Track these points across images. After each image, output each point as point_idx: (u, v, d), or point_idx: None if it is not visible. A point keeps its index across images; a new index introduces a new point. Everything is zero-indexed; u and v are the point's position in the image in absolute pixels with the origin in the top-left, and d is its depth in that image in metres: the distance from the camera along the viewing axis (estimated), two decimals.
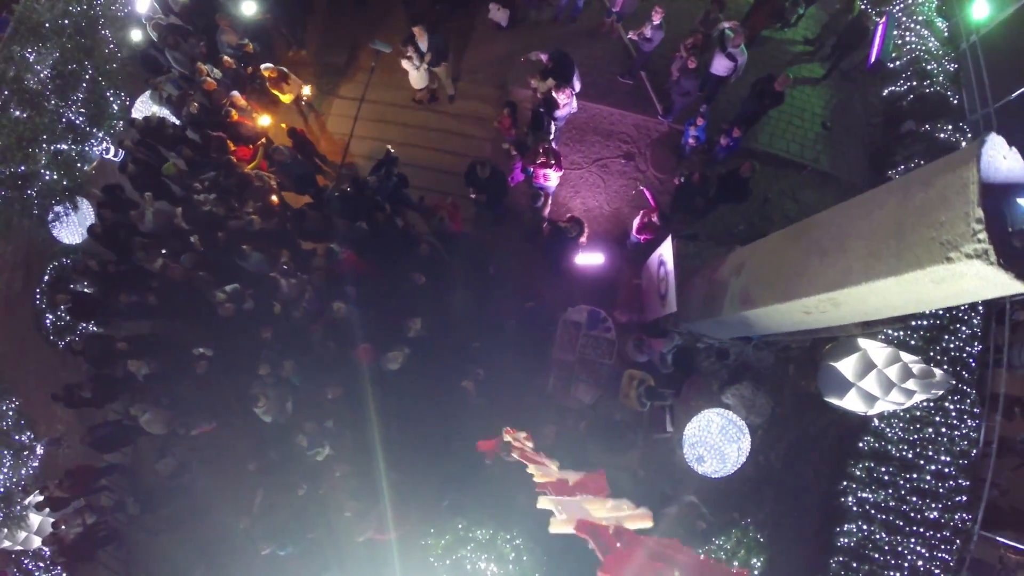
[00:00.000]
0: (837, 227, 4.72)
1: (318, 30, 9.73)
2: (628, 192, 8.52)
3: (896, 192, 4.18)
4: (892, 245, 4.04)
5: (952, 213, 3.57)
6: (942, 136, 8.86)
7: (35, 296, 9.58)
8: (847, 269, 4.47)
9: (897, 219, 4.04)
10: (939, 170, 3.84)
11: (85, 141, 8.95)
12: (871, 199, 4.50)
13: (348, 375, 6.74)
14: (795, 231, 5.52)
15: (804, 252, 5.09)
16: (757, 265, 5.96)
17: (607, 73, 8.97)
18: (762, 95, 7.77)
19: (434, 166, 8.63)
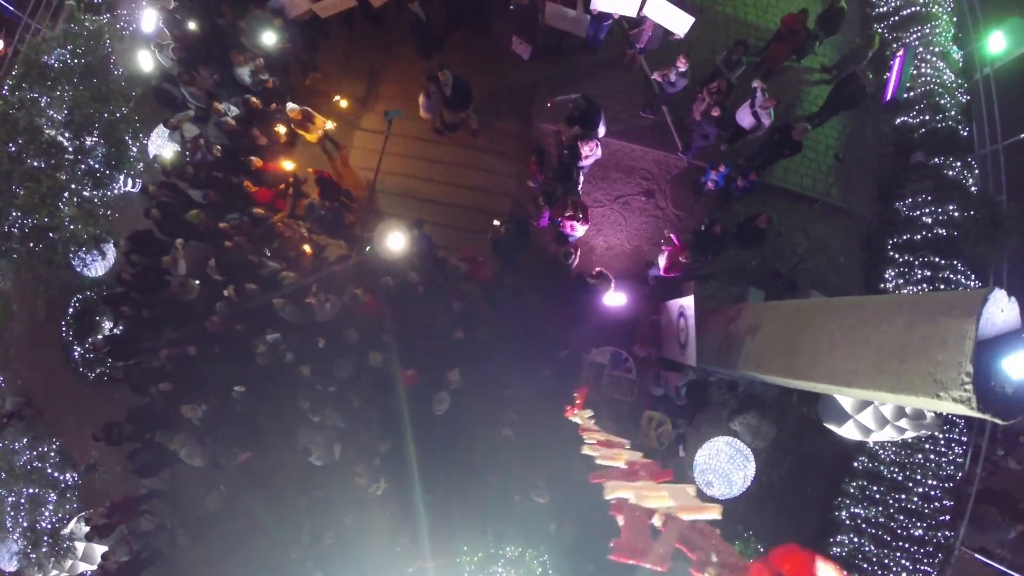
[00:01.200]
0: (849, 326, 5.52)
1: (334, 55, 9.93)
2: (648, 229, 9.20)
3: (905, 312, 4.97)
4: (894, 365, 4.87)
5: (948, 356, 4.39)
6: (950, 174, 9.56)
7: (61, 329, 10.11)
8: (853, 371, 5.32)
9: (902, 342, 4.85)
10: (945, 308, 4.61)
11: (106, 186, 9.24)
12: (882, 309, 5.29)
13: (391, 420, 7.60)
14: (810, 311, 6.30)
15: (816, 339, 5.91)
16: (771, 335, 6.77)
17: (629, 106, 9.43)
18: (781, 143, 8.35)
19: (458, 203, 9.17)
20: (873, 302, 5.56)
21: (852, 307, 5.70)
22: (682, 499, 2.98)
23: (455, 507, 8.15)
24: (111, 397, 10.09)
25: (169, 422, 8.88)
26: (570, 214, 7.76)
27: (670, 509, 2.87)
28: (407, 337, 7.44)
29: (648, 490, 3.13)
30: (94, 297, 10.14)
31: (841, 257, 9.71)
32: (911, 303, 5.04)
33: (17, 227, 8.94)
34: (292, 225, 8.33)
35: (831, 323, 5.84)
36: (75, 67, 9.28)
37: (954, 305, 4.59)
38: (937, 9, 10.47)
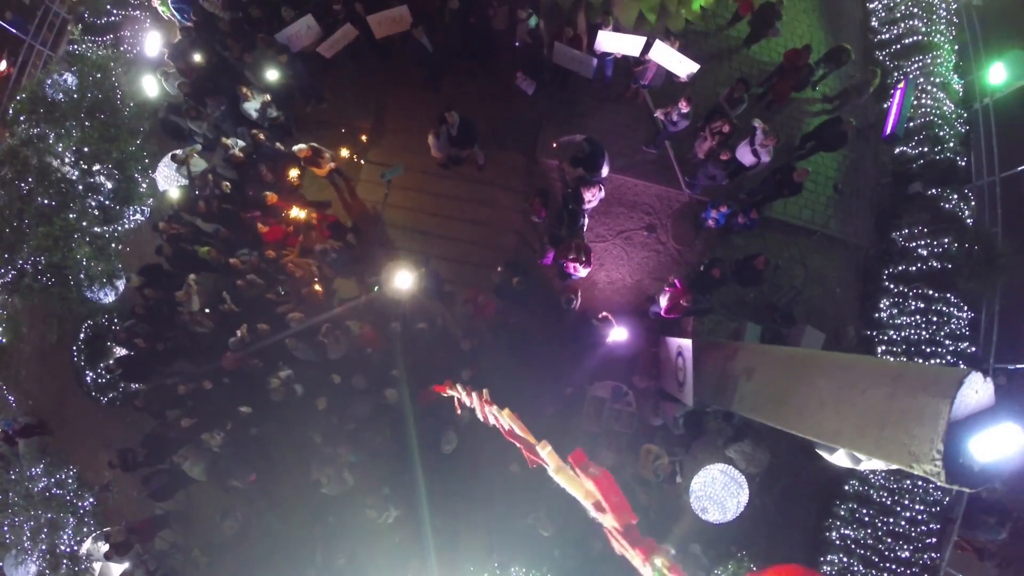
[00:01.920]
0: (837, 387, 6.04)
1: (341, 85, 10.26)
2: (649, 263, 9.66)
3: (888, 382, 5.47)
4: (875, 431, 5.41)
5: (922, 432, 4.92)
6: (947, 206, 10.00)
7: (72, 353, 10.58)
8: (838, 430, 5.87)
9: (884, 411, 5.37)
10: (924, 384, 5.11)
11: (116, 221, 9.61)
12: (869, 375, 5.78)
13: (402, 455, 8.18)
14: (802, 363, 6.81)
15: (806, 394, 6.43)
16: (765, 380, 7.30)
17: (632, 141, 9.82)
18: (781, 184, 8.78)
19: (464, 238, 9.60)
20: (861, 365, 6.05)
21: (842, 368, 6.20)
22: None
23: (462, 531, 8.79)
24: (124, 420, 10.61)
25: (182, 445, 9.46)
26: (574, 256, 8.21)
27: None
28: (416, 375, 7.95)
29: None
30: (105, 323, 10.58)
31: (837, 288, 10.20)
32: (895, 373, 5.55)
33: (30, 263, 9.35)
34: (303, 264, 8.76)
35: (821, 379, 6.36)
36: (82, 103, 9.59)
37: (933, 382, 5.10)
38: (939, 39, 10.81)
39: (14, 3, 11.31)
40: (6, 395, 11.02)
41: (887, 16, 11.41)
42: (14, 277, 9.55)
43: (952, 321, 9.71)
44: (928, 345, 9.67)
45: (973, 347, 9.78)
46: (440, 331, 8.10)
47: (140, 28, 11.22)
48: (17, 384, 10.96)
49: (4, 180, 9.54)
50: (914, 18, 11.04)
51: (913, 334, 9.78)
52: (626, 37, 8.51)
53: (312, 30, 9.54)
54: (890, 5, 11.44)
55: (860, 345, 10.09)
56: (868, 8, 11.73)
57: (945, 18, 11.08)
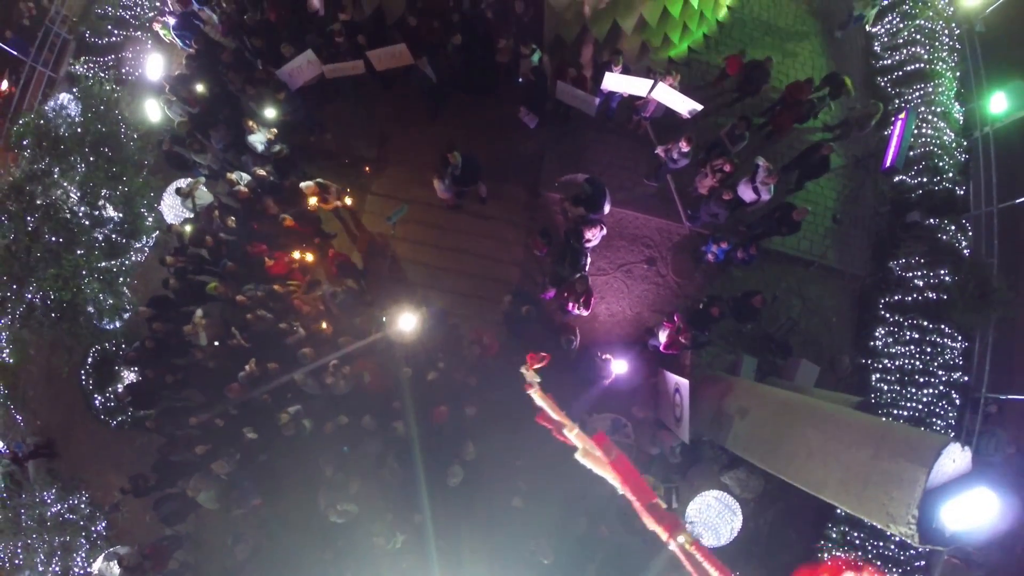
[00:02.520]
0: (825, 440, 6.53)
1: (343, 116, 10.58)
2: (649, 296, 10.08)
3: (873, 442, 5.96)
4: (857, 488, 5.91)
5: (900, 495, 5.41)
6: (944, 237, 10.41)
7: (80, 377, 11.01)
8: (823, 481, 6.37)
9: (867, 470, 5.86)
10: (905, 450, 5.60)
11: (123, 254, 9.96)
12: (856, 432, 6.27)
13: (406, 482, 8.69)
14: (795, 411, 7.29)
15: (796, 442, 6.93)
16: (758, 422, 7.79)
17: (634, 174, 10.19)
18: (780, 222, 9.17)
19: (468, 271, 10.00)
20: (849, 420, 6.54)
21: (831, 422, 6.69)
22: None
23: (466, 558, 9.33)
24: (133, 442, 11.12)
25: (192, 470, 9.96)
26: (574, 300, 8.65)
27: None
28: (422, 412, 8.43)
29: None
30: (112, 348, 11.02)
31: (833, 317, 10.64)
32: (880, 434, 6.03)
33: (39, 298, 9.73)
34: (310, 300, 9.17)
35: (811, 430, 6.85)
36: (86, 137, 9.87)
37: (914, 449, 5.59)
38: (941, 67, 11.12)
39: (15, 24, 11.55)
40: (14, 415, 11.48)
41: (889, 42, 11.70)
42: (24, 311, 9.94)
43: (946, 352, 10.17)
44: (921, 375, 10.15)
45: (965, 376, 10.26)
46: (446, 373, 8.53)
47: (142, 50, 11.47)
48: (25, 404, 11.33)
49: (10, 214, 9.89)
50: (916, 45, 11.34)
51: (907, 363, 10.25)
52: (632, 79, 8.82)
53: (313, 65, 9.80)
54: (892, 31, 11.72)
55: (855, 374, 10.56)
56: (870, 33, 11.99)
57: (948, 45, 11.38)
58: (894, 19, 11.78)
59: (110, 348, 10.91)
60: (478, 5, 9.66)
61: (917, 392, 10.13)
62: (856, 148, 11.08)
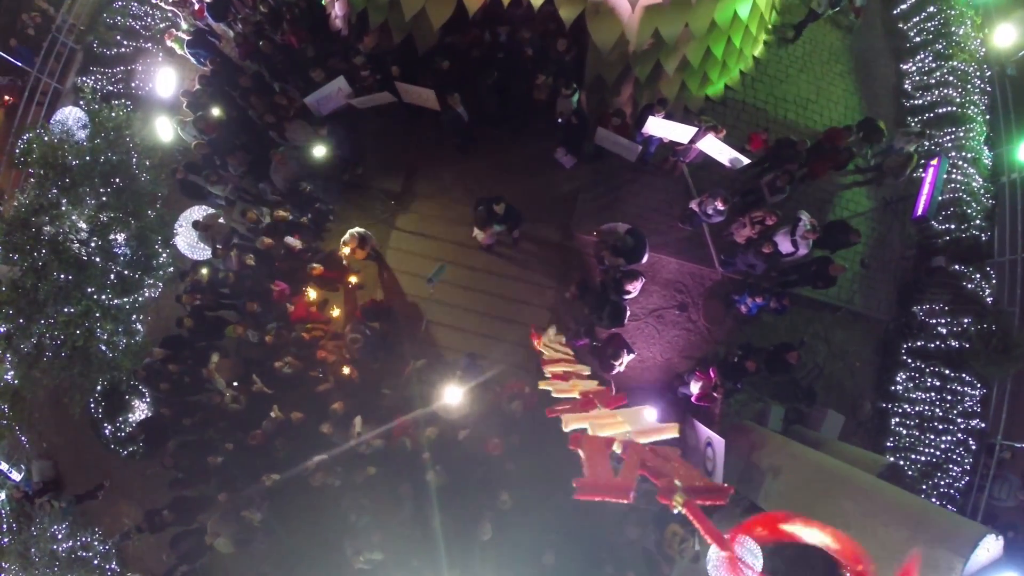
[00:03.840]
0: (862, 514, 7.24)
1: (370, 148, 10.84)
2: (679, 342, 10.70)
3: (912, 524, 6.67)
4: (892, 567, 6.57)
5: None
6: (969, 286, 11.18)
7: (89, 406, 11.27)
8: None
9: (902, 551, 6.58)
10: (943, 537, 6.32)
11: (136, 291, 10.09)
12: (894, 511, 6.97)
13: (433, 543, 9.27)
14: (830, 478, 7.99)
15: (832, 511, 7.62)
16: (791, 484, 8.50)
17: (667, 217, 10.70)
18: (816, 275, 9.79)
19: (499, 314, 10.45)
20: (886, 496, 7.24)
21: (866, 494, 7.39)
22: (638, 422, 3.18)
23: None
24: (144, 472, 11.47)
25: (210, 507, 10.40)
26: (612, 353, 9.23)
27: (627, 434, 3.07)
28: (459, 465, 8.99)
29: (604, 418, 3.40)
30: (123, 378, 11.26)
31: (857, 362, 11.40)
32: (917, 518, 6.74)
33: (48, 338, 9.88)
34: (335, 349, 9.56)
35: (847, 502, 7.56)
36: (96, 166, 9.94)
37: (952, 537, 6.31)
38: (972, 110, 11.78)
39: (20, 33, 11.47)
40: (19, 436, 11.70)
41: (921, 81, 12.32)
42: (32, 349, 10.09)
43: (966, 399, 11.02)
44: (941, 422, 11.02)
45: (983, 423, 11.14)
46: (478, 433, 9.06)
47: (152, 63, 11.50)
48: (31, 426, 11.56)
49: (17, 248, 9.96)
50: (948, 86, 11.98)
51: (927, 410, 11.10)
52: (676, 125, 9.23)
53: (343, 92, 10.03)
54: (924, 69, 12.32)
55: (874, 418, 11.38)
56: (902, 70, 12.59)
57: (979, 88, 12.02)
58: (926, 58, 12.37)
59: (119, 376, 11.15)
60: (516, 42, 9.92)
61: (936, 439, 11.00)
62: (885, 191, 11.73)
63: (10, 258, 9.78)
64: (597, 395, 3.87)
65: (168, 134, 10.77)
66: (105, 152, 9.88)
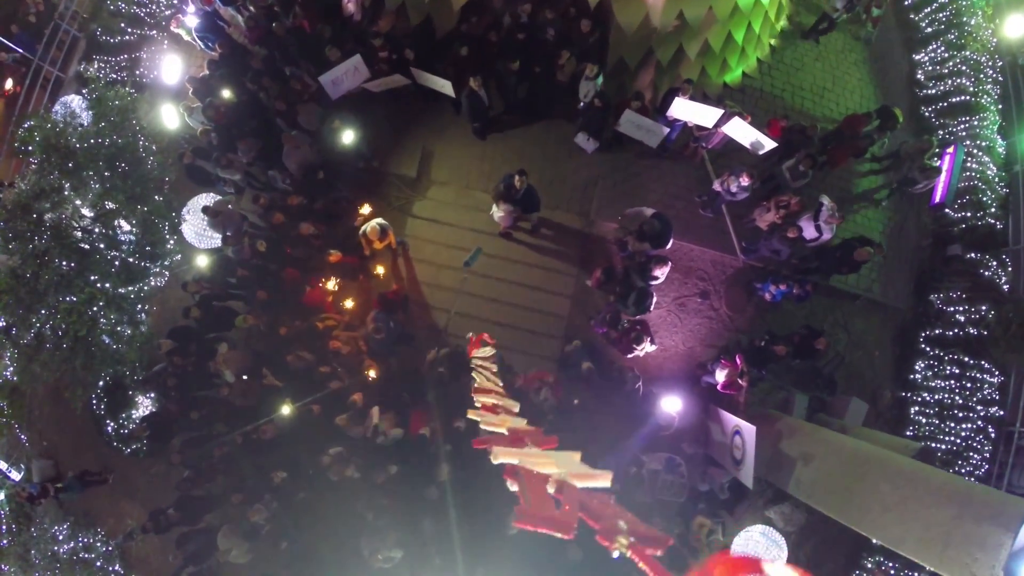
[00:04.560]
0: (902, 497, 7.30)
1: (385, 132, 10.79)
2: (701, 330, 10.75)
3: (955, 504, 6.73)
4: (938, 547, 6.69)
5: (985, 557, 6.21)
6: (986, 273, 11.37)
7: (91, 403, 11.03)
8: (901, 538, 7.15)
9: (948, 530, 6.65)
10: (990, 514, 6.38)
11: (141, 279, 9.90)
12: (935, 492, 7.03)
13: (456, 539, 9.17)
14: (865, 462, 8.04)
15: (869, 495, 7.69)
16: (825, 471, 8.55)
17: (688, 204, 10.77)
18: (841, 261, 9.89)
19: (518, 302, 10.44)
20: (926, 477, 7.31)
21: (906, 478, 7.45)
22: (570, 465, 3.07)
23: None
24: (148, 470, 11.24)
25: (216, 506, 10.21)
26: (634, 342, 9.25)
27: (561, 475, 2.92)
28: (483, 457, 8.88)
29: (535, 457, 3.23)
30: (126, 372, 11.03)
31: (876, 351, 11.53)
32: (963, 496, 6.81)
33: (49, 328, 9.64)
34: (350, 340, 9.44)
35: (885, 485, 7.61)
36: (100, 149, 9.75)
37: (999, 514, 6.38)
38: (986, 100, 12.01)
39: (21, 20, 11.26)
40: (18, 434, 11.40)
41: (934, 71, 12.56)
42: (32, 341, 9.85)
43: (984, 387, 11.18)
44: (960, 410, 11.16)
45: (1001, 411, 11.31)
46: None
47: (157, 51, 11.35)
48: (31, 424, 11.33)
49: (16, 233, 9.74)
50: (962, 76, 12.22)
51: (947, 398, 11.25)
52: (702, 107, 9.32)
53: (360, 72, 9.96)
54: (937, 59, 12.56)
55: (894, 407, 11.50)
56: (915, 60, 12.81)
57: (992, 77, 12.27)
58: (939, 48, 12.61)
59: (123, 371, 10.92)
60: (538, 23, 9.92)
61: (956, 426, 11.13)
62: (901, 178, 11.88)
63: (8, 247, 9.54)
64: (528, 434, 3.88)
65: (174, 121, 10.62)
66: (110, 135, 9.70)
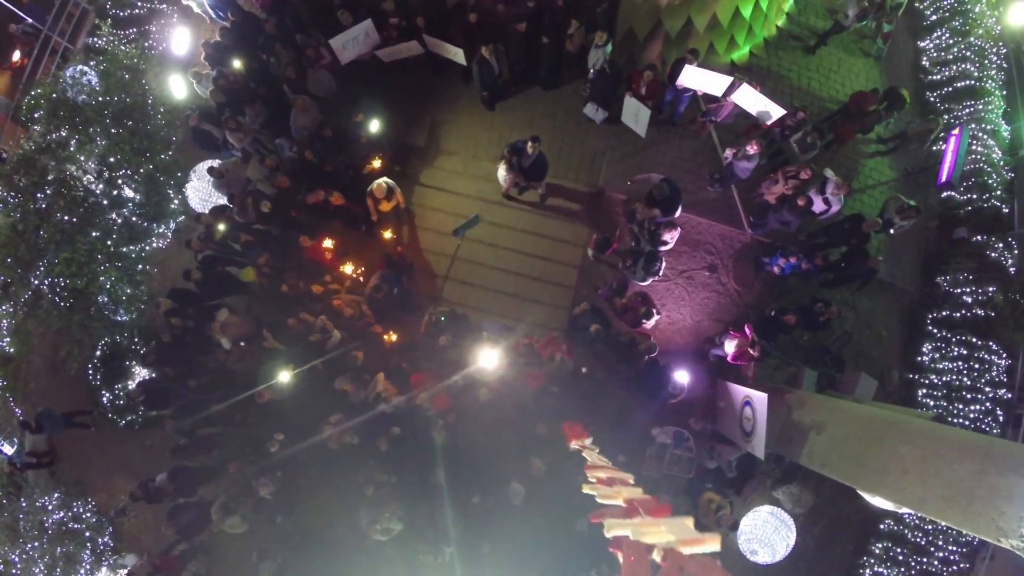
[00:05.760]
0: (921, 456, 7.00)
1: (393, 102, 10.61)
2: (709, 304, 10.51)
3: (977, 458, 6.44)
4: (962, 504, 6.38)
5: (1011, 510, 5.91)
6: (993, 255, 11.18)
7: (88, 372, 10.69)
8: (922, 498, 6.83)
9: (971, 485, 6.35)
10: (1014, 465, 6.09)
11: (143, 239, 9.71)
12: (955, 448, 6.74)
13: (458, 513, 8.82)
14: (881, 426, 7.75)
15: (886, 458, 7.38)
16: (838, 438, 8.24)
17: (696, 177, 10.59)
18: (850, 233, 9.70)
19: (525, 272, 10.20)
20: (945, 436, 7.03)
21: (925, 437, 7.16)
22: (680, 532, 3.28)
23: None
24: (143, 443, 10.83)
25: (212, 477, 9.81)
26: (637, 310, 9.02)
27: (669, 543, 3.17)
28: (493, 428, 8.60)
29: (647, 526, 3.48)
30: (123, 342, 10.70)
31: (883, 331, 11.30)
32: (984, 450, 6.52)
33: (47, 284, 9.37)
34: (352, 302, 9.17)
35: (903, 447, 7.32)
36: (108, 106, 9.56)
37: (1023, 464, 6.08)
38: (990, 84, 11.94)
39: None
40: (12, 408, 11.03)
41: (938, 57, 12.51)
42: (30, 298, 9.57)
43: (992, 368, 10.93)
44: (968, 392, 10.90)
45: (1009, 393, 11.05)
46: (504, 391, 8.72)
47: (167, 23, 11.22)
48: (26, 397, 10.95)
49: (20, 189, 9.51)
50: (966, 61, 12.16)
51: (955, 379, 10.99)
52: (711, 75, 9.18)
53: (370, 38, 9.80)
54: (942, 46, 12.52)
55: (902, 388, 11.24)
56: (919, 47, 12.76)
57: (996, 64, 12.21)
58: (943, 35, 12.57)
59: (122, 341, 10.60)
60: None
61: (964, 408, 10.86)
62: (907, 161, 11.80)
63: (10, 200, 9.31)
64: (642, 503, 4.13)
65: (182, 91, 10.46)
66: (119, 92, 9.52)
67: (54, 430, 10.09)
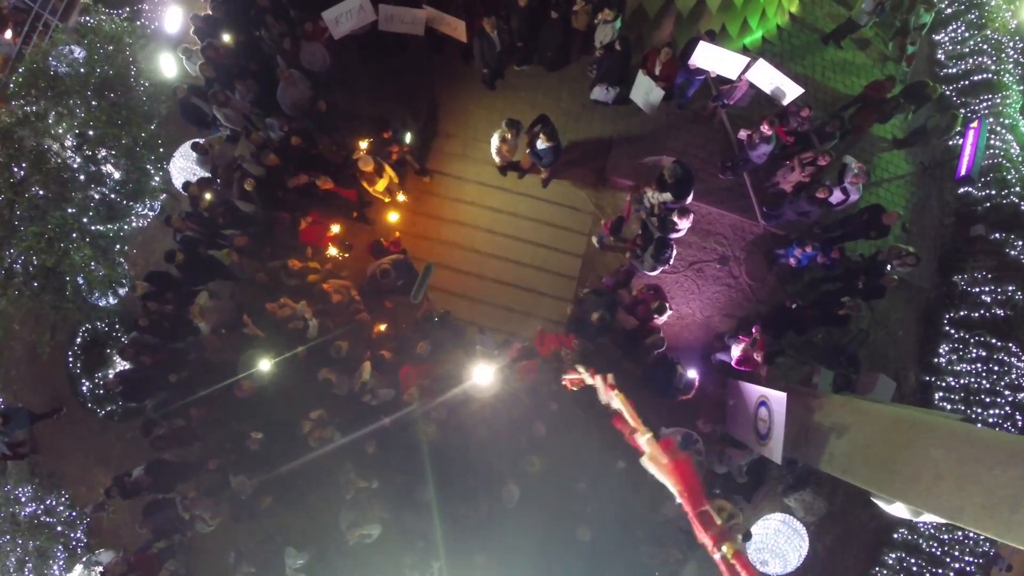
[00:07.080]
0: (957, 460, 6.27)
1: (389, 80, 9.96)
2: (720, 298, 9.79)
3: (1021, 461, 5.72)
4: (1004, 513, 5.65)
5: None
6: (1012, 253, 10.52)
7: (68, 360, 9.95)
8: (960, 507, 6.09)
9: (1016, 491, 5.61)
10: None
11: (122, 218, 9.02)
12: (995, 452, 6.03)
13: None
14: (909, 428, 7.01)
15: (917, 463, 6.64)
16: (862, 441, 7.50)
17: (707, 164, 9.90)
18: (869, 224, 9.02)
19: (525, 260, 9.48)
20: (983, 438, 6.31)
21: (960, 440, 6.43)
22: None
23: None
24: (123, 435, 10.12)
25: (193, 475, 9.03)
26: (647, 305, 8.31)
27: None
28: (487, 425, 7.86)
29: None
30: (104, 328, 9.97)
31: (900, 331, 10.61)
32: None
33: (20, 264, 8.67)
34: (341, 288, 8.44)
35: (936, 450, 6.58)
36: (90, 77, 8.90)
37: None
38: (1008, 78, 11.33)
39: None
40: None
41: (954, 51, 11.91)
42: (1, 277, 8.85)
43: (1012, 370, 10.24)
44: (988, 395, 10.19)
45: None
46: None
47: (160, 3, 10.58)
48: (6, 385, 10.40)
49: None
50: (983, 55, 11.56)
51: (973, 382, 10.30)
52: (727, 54, 8.53)
53: (365, 13, 9.13)
54: (957, 39, 11.91)
55: (919, 391, 10.54)
56: (934, 40, 12.15)
57: (1013, 58, 11.61)
58: (959, 28, 11.98)
59: (102, 328, 9.88)
60: None
61: (983, 412, 10.16)
62: (924, 156, 11.16)
63: None
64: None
65: (172, 69, 9.78)
66: (102, 64, 8.83)
67: (18, 427, 9.33)
